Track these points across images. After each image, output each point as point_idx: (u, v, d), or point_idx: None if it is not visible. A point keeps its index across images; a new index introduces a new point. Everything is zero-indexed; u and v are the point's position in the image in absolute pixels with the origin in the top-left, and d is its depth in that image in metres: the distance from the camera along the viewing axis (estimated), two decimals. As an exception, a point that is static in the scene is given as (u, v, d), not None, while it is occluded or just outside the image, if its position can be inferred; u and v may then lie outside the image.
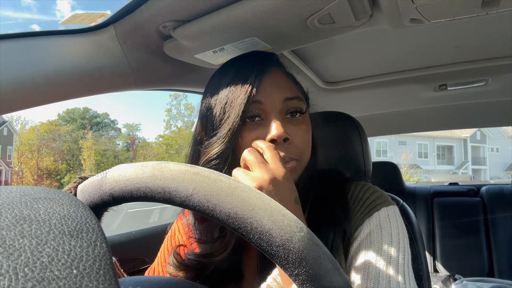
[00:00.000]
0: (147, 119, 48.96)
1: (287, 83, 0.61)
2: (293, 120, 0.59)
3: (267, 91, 0.57)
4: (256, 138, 0.56)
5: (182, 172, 0.30)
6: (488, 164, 27.48)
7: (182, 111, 26.57)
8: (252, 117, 0.57)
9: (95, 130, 28.24)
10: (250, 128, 0.57)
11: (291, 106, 0.59)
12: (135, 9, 0.65)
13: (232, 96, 0.56)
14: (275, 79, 0.59)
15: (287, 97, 0.58)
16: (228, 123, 0.55)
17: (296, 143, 0.57)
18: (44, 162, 24.00)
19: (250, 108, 0.56)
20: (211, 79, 0.64)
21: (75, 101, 23.64)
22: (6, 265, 0.18)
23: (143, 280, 0.39)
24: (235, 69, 0.61)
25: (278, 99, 0.57)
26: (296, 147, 0.57)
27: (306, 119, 0.61)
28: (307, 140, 0.60)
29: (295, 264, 0.27)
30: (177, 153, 24.26)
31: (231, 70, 0.61)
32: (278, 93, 0.58)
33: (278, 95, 0.58)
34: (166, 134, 26.14)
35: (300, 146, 0.58)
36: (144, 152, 27.38)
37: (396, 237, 0.55)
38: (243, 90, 0.56)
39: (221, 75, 0.62)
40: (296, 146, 0.57)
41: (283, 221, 0.28)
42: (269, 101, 0.57)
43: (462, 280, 1.59)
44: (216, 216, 0.29)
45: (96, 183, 0.32)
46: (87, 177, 0.35)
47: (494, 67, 1.15)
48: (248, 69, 0.59)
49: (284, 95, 0.58)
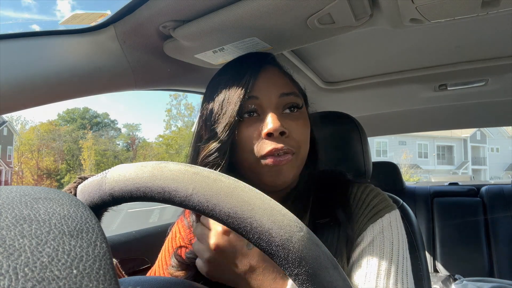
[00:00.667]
0: (147, 119, 48.99)
1: (283, 80, 0.62)
2: (290, 115, 0.60)
3: (263, 87, 0.59)
4: (253, 132, 0.57)
5: (181, 172, 0.30)
6: (488, 164, 27.48)
7: (182, 111, 26.58)
8: (249, 113, 0.59)
9: (95, 130, 28.24)
10: (248, 123, 0.58)
11: (287, 101, 0.60)
12: (135, 9, 0.65)
13: (229, 93, 0.58)
14: (271, 76, 0.61)
15: (283, 93, 0.59)
16: (225, 119, 0.57)
17: (293, 136, 0.58)
18: (44, 162, 24.01)
19: (246, 104, 0.57)
20: (211, 80, 0.66)
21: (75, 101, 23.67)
22: (6, 265, 0.18)
23: (143, 280, 0.39)
24: (232, 69, 0.63)
25: (274, 94, 0.59)
26: (293, 140, 0.58)
27: (303, 115, 0.62)
28: (304, 134, 0.60)
29: (295, 263, 0.27)
30: (177, 153, 24.26)
31: (229, 70, 0.63)
32: (274, 89, 0.59)
33: (274, 91, 0.59)
34: (166, 134, 26.15)
35: (297, 139, 0.59)
36: (144, 152, 27.38)
37: (396, 245, 0.57)
38: (239, 87, 0.58)
39: (220, 76, 0.64)
40: (293, 139, 0.58)
41: (282, 221, 0.28)
42: (265, 97, 0.58)
43: (462, 280, 1.59)
44: (216, 216, 0.29)
45: (96, 183, 0.32)
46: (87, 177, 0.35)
47: (494, 67, 1.15)
48: (245, 68, 0.60)
49: (280, 90, 0.59)
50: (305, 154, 0.61)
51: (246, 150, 0.58)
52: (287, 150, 0.56)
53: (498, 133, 27.37)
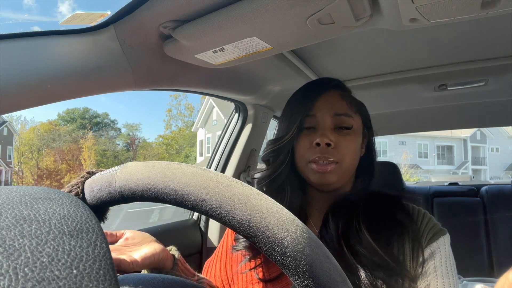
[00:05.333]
0: (147, 119, 48.91)
1: (339, 102, 0.74)
2: (341, 132, 0.72)
3: (320, 107, 0.73)
4: (307, 142, 0.71)
5: (195, 176, 0.30)
6: (488, 164, 27.48)
7: (182, 111, 26.59)
8: (309, 128, 0.73)
9: (95, 130, 28.22)
10: (306, 134, 0.73)
11: (339, 121, 0.72)
12: (135, 9, 0.65)
13: (294, 111, 0.74)
14: (329, 98, 0.74)
15: (336, 113, 0.72)
16: (289, 129, 0.73)
17: (338, 148, 0.69)
18: (44, 162, 24.00)
19: (306, 120, 0.73)
20: (288, 101, 0.80)
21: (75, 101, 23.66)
22: (6, 265, 0.18)
23: (145, 279, 0.39)
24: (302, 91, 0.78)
25: (329, 114, 0.72)
26: (337, 152, 0.69)
27: (354, 132, 0.73)
28: (349, 148, 0.71)
29: (305, 275, 0.27)
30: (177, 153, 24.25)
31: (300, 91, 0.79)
32: (329, 110, 0.72)
33: (329, 111, 0.72)
34: (166, 134, 26.16)
35: (341, 151, 0.70)
36: (144, 152, 27.37)
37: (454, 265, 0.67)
38: (302, 106, 0.73)
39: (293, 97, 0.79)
40: (338, 151, 0.69)
41: (295, 232, 0.28)
42: (321, 115, 0.72)
43: (462, 280, 1.58)
44: (228, 222, 0.28)
45: (106, 179, 0.32)
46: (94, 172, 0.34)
47: (494, 67, 1.15)
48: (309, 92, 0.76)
49: (334, 111, 0.72)
50: (350, 165, 0.72)
51: (299, 155, 0.72)
52: (330, 160, 0.68)
53: (498, 133, 27.36)
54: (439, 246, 0.67)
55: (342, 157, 0.70)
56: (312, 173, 0.70)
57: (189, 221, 1.40)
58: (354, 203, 0.70)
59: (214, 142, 20.05)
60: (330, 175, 0.69)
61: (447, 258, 0.66)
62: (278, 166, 0.74)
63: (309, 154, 0.71)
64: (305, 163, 0.71)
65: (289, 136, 0.73)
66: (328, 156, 0.68)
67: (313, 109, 0.73)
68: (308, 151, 0.71)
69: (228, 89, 1.19)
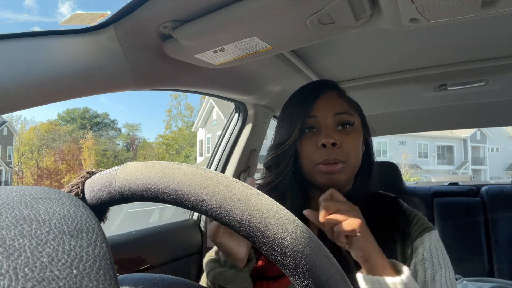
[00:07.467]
0: (147, 119, 48.90)
1: (339, 102, 0.74)
2: (343, 130, 0.72)
3: (321, 108, 0.73)
4: (311, 143, 0.71)
5: (195, 175, 0.29)
6: (488, 164, 27.47)
7: (182, 111, 26.59)
8: (310, 129, 0.73)
9: (95, 130, 28.22)
10: (308, 136, 0.73)
11: (341, 119, 0.72)
12: (135, 9, 0.65)
13: (294, 114, 0.74)
14: (328, 99, 0.74)
15: (337, 112, 0.72)
16: (291, 132, 0.73)
17: (343, 147, 0.70)
18: (44, 162, 24.00)
19: (307, 121, 0.73)
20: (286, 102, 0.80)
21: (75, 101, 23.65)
22: (6, 265, 0.18)
23: (145, 279, 0.39)
24: (299, 93, 0.78)
25: (329, 113, 0.72)
26: (343, 151, 0.70)
27: (355, 129, 0.74)
28: (354, 146, 0.72)
29: (305, 275, 0.27)
30: (177, 153, 24.25)
31: (297, 94, 0.79)
32: (330, 109, 0.73)
33: (330, 111, 0.72)
34: (166, 134, 26.16)
35: (347, 150, 0.70)
36: (144, 152, 27.37)
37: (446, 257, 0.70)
38: (302, 108, 0.73)
39: (290, 100, 0.79)
40: (344, 150, 0.70)
41: (295, 232, 0.28)
42: (322, 115, 0.72)
43: (462, 280, 1.59)
44: (228, 222, 0.28)
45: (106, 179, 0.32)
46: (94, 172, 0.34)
47: (494, 67, 1.15)
48: (308, 93, 0.76)
49: (335, 110, 0.72)
50: (356, 162, 0.73)
51: (305, 157, 0.72)
52: (337, 160, 0.69)
53: (498, 133, 27.36)
54: (423, 241, 0.68)
55: (348, 156, 0.70)
56: (320, 175, 0.70)
57: (189, 221, 1.40)
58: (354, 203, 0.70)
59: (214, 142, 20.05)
60: (338, 175, 0.69)
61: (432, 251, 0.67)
62: (281, 171, 0.73)
63: (316, 156, 0.70)
64: (313, 165, 0.71)
65: (292, 139, 0.72)
66: (335, 157, 0.69)
67: (313, 110, 0.73)
68: (314, 153, 0.70)
69: (228, 89, 1.19)
